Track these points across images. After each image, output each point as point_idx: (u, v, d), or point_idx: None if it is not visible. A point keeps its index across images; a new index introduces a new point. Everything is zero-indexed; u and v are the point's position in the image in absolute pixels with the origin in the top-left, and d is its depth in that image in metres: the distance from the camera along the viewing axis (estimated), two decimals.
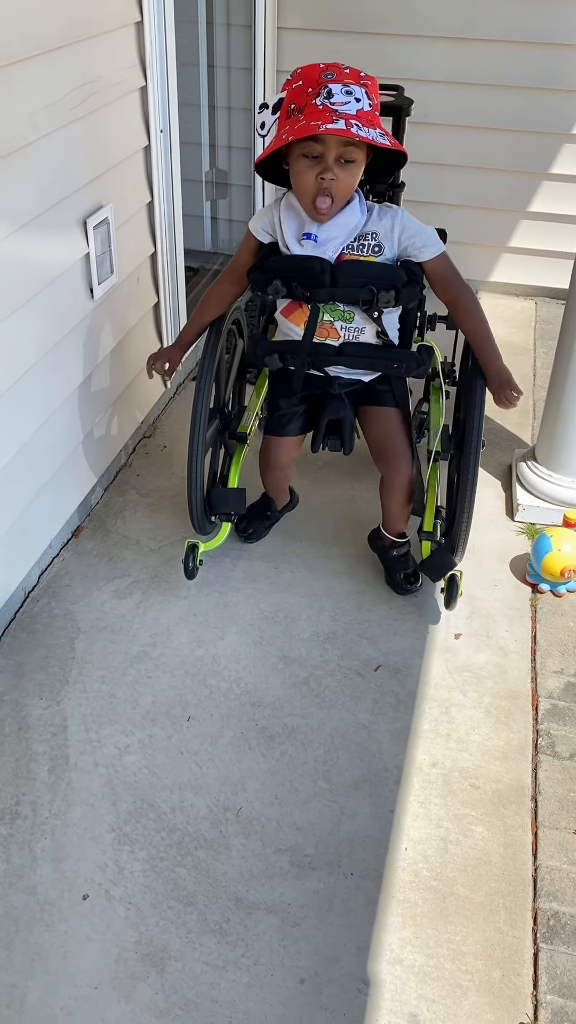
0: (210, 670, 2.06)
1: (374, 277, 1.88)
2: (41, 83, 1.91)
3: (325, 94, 1.72)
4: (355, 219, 1.87)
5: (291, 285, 1.90)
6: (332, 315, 1.94)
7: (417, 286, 1.93)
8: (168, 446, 2.85)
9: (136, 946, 1.55)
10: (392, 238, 1.89)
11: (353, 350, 1.98)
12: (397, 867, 1.68)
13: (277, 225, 1.93)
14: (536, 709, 2.00)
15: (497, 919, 1.61)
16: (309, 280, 1.88)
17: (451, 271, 1.96)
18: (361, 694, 2.02)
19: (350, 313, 1.93)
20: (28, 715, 1.94)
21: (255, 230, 1.99)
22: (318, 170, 1.76)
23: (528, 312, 3.76)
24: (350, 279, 1.87)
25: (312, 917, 1.60)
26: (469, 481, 1.98)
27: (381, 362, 2.00)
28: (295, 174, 1.81)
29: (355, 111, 1.72)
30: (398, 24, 3.35)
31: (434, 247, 1.92)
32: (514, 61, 3.33)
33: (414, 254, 1.92)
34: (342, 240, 1.87)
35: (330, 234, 1.86)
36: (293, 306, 1.97)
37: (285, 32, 3.49)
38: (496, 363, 1.97)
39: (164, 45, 2.48)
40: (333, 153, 1.75)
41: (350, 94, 1.72)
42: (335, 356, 1.98)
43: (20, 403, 2.03)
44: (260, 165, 1.90)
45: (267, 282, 1.93)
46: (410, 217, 1.92)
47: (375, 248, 1.89)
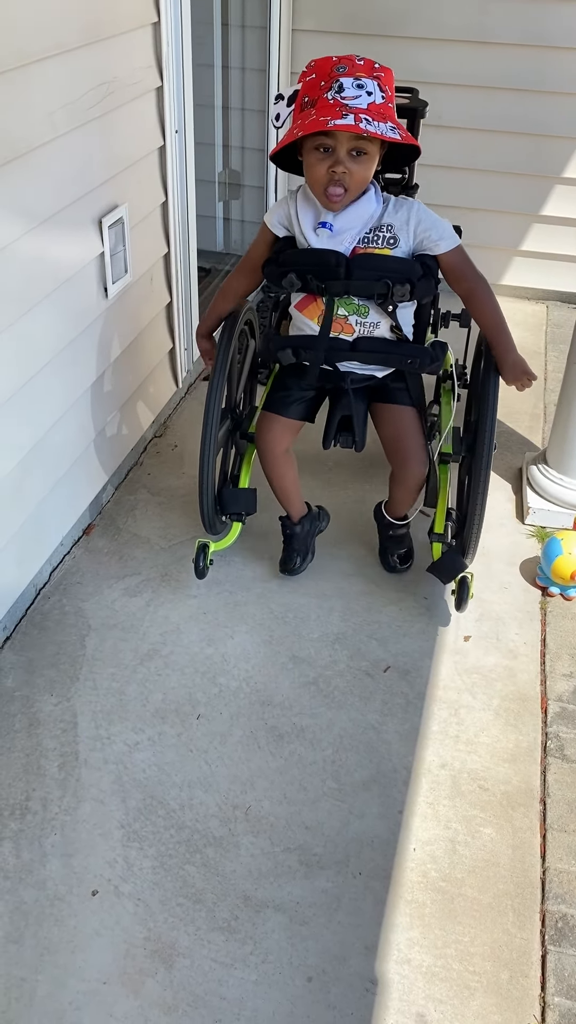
0: (220, 669, 2.07)
1: (389, 271, 1.87)
2: (59, 83, 1.93)
3: (336, 88, 1.72)
4: (371, 209, 1.87)
5: (306, 278, 1.90)
6: (347, 309, 1.94)
7: (432, 280, 1.93)
8: (179, 445, 2.86)
9: (145, 942, 1.55)
10: (408, 230, 1.89)
11: (367, 345, 1.97)
12: (405, 867, 1.68)
13: (294, 216, 1.92)
14: (545, 712, 2.00)
15: (505, 921, 1.61)
16: (324, 273, 1.88)
17: (466, 263, 1.96)
18: (370, 695, 2.02)
19: (364, 308, 1.93)
20: (39, 711, 1.95)
21: (270, 223, 1.98)
22: (329, 163, 1.77)
23: (540, 316, 3.76)
24: (365, 272, 1.87)
25: (320, 916, 1.60)
26: (481, 484, 1.98)
27: (395, 357, 1.99)
28: (307, 166, 1.82)
29: (366, 105, 1.72)
30: (413, 27, 3.36)
31: (450, 240, 1.92)
32: (528, 64, 3.33)
33: (430, 247, 1.91)
34: (358, 230, 1.87)
35: (346, 224, 1.86)
36: (307, 300, 1.97)
37: (300, 34, 3.50)
38: (511, 354, 1.97)
39: (180, 46, 2.49)
40: (344, 147, 1.75)
41: (361, 87, 1.73)
42: (349, 351, 1.98)
43: (34, 401, 2.04)
44: (276, 156, 1.90)
45: (282, 275, 1.92)
46: (426, 210, 1.91)
47: (390, 240, 1.89)
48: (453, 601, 2.15)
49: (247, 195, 3.88)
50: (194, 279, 2.96)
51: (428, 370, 2.03)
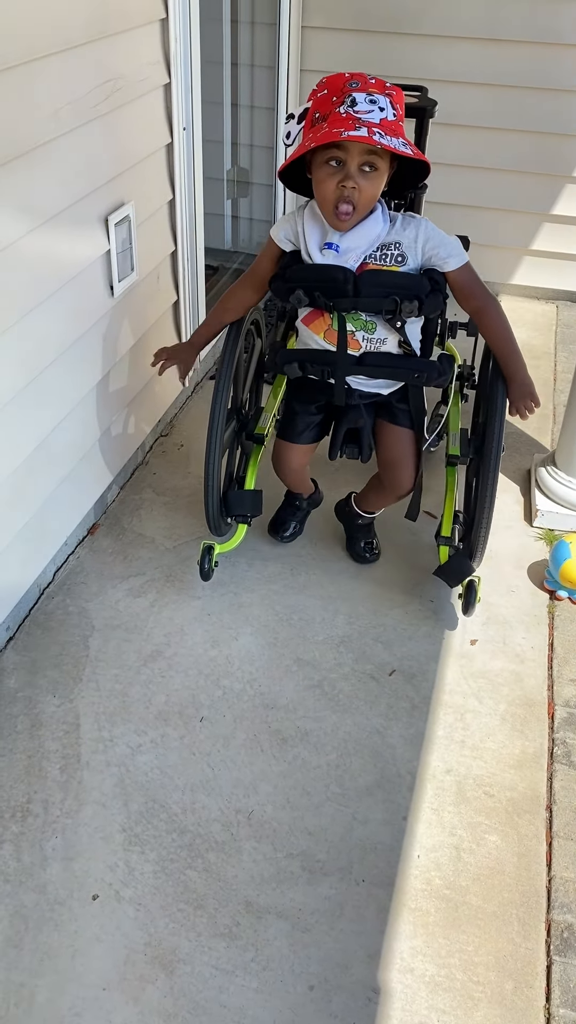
0: (224, 671, 2.05)
1: (397, 287, 1.85)
2: (65, 80, 1.91)
3: (349, 102, 1.71)
4: (377, 229, 1.84)
5: (313, 295, 1.88)
6: (354, 325, 1.92)
7: (440, 296, 1.91)
8: (185, 445, 2.84)
9: (145, 948, 1.54)
10: (416, 248, 1.87)
11: (374, 360, 1.95)
12: (409, 875, 1.67)
13: (300, 234, 1.91)
14: (552, 717, 1.98)
15: (510, 930, 1.59)
16: (332, 290, 1.86)
17: (475, 281, 1.94)
18: (375, 698, 2.00)
19: (372, 324, 1.91)
20: (41, 712, 1.94)
21: (277, 238, 1.96)
22: (339, 177, 1.74)
23: (549, 316, 3.73)
24: (373, 289, 1.85)
25: (323, 923, 1.59)
26: (489, 487, 1.96)
27: (402, 372, 1.98)
28: (317, 181, 1.79)
29: (378, 120, 1.71)
30: (423, 24, 3.33)
31: (458, 257, 1.90)
32: (540, 62, 3.29)
33: (438, 264, 1.89)
34: (364, 250, 1.85)
35: (352, 244, 1.84)
36: (314, 315, 1.96)
37: (309, 31, 3.48)
38: (520, 373, 1.94)
39: (189, 42, 2.47)
40: (356, 161, 1.73)
41: (374, 103, 1.71)
42: (355, 366, 1.96)
43: (39, 399, 2.03)
44: (284, 174, 1.88)
45: (289, 291, 1.90)
46: (434, 227, 1.89)
47: (398, 258, 1.87)
48: (460, 605, 2.13)
49: (256, 193, 3.86)
50: (201, 277, 2.94)
51: (435, 384, 2.02)
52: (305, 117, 1.80)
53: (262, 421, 2.35)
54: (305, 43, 3.50)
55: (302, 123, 1.81)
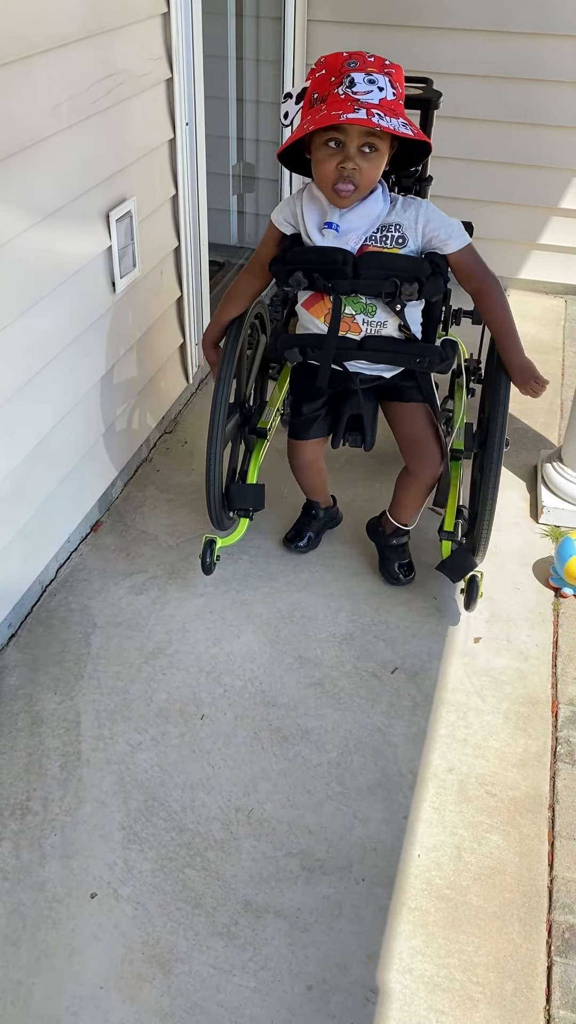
0: (225, 668, 2.04)
1: (397, 269, 1.84)
2: (64, 74, 1.90)
3: (348, 83, 1.69)
4: (377, 208, 1.83)
5: (313, 277, 1.87)
6: (354, 308, 1.91)
7: (441, 279, 1.89)
8: (189, 442, 2.83)
9: (143, 947, 1.54)
10: (416, 230, 1.86)
11: (375, 344, 1.94)
12: (409, 874, 1.65)
13: (300, 215, 1.90)
14: (556, 716, 1.96)
15: (510, 930, 1.57)
16: (331, 271, 1.85)
17: (477, 262, 1.92)
18: (377, 696, 1.99)
19: (372, 307, 1.90)
20: (42, 710, 1.93)
21: (277, 221, 1.96)
22: (339, 159, 1.73)
23: (558, 310, 3.70)
24: (373, 271, 1.84)
25: (321, 923, 1.58)
26: (492, 481, 1.95)
27: (403, 356, 1.96)
28: (316, 162, 1.78)
29: (378, 100, 1.69)
30: (428, 16, 3.30)
31: (459, 239, 1.88)
32: (546, 54, 3.26)
33: (439, 246, 1.88)
34: (364, 230, 1.84)
35: (352, 224, 1.83)
36: (314, 298, 1.95)
37: (315, 24, 3.46)
38: (518, 357, 1.92)
39: (191, 37, 2.46)
40: (355, 143, 1.72)
41: (373, 83, 1.70)
42: (356, 350, 1.95)
43: (41, 396, 2.02)
44: (284, 155, 1.88)
45: (288, 273, 1.90)
46: (435, 209, 1.88)
47: (399, 240, 1.86)
48: (462, 600, 2.12)
49: (261, 188, 3.84)
50: (205, 273, 2.93)
51: (438, 369, 2.00)
52: (303, 97, 1.79)
53: (265, 415, 2.34)
54: (310, 36, 3.49)
55: (300, 103, 1.80)
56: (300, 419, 2.14)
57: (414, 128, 1.74)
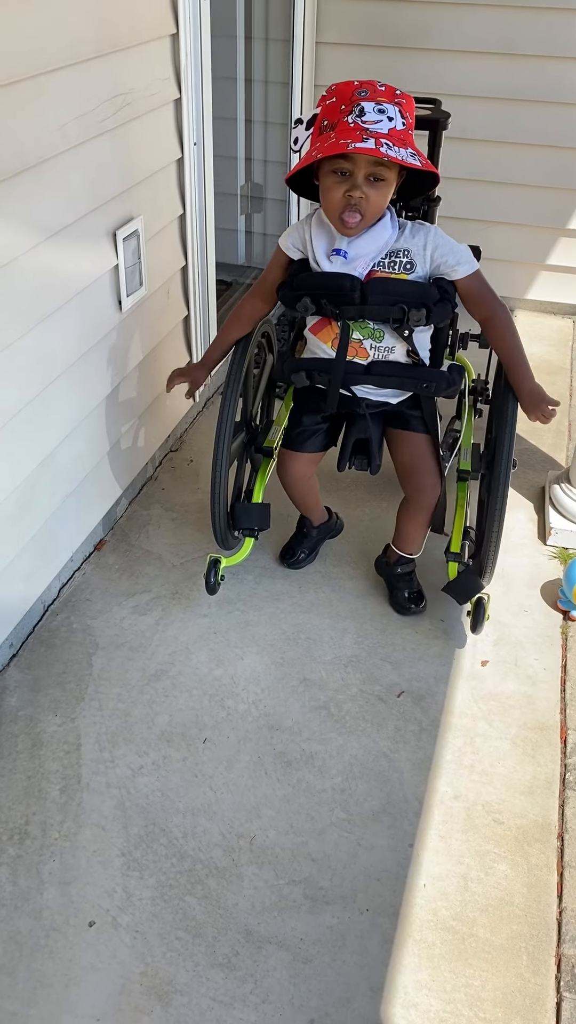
0: (228, 691, 2.02)
1: (405, 295, 1.84)
2: (72, 94, 1.90)
3: (357, 112, 1.69)
4: (386, 235, 1.84)
5: (320, 302, 1.87)
6: (361, 333, 1.90)
7: (449, 304, 1.89)
8: (195, 460, 2.82)
9: (142, 977, 1.50)
10: (424, 256, 1.86)
11: (382, 369, 1.94)
12: (415, 904, 1.61)
13: (308, 241, 1.90)
14: (565, 742, 1.92)
15: (519, 964, 1.53)
16: (339, 297, 1.85)
17: (485, 289, 1.92)
18: (383, 721, 1.96)
19: (380, 332, 1.90)
20: (42, 732, 1.91)
21: (285, 246, 1.96)
22: (346, 187, 1.74)
23: (566, 331, 3.69)
24: (380, 297, 1.84)
25: (324, 954, 1.54)
26: (499, 502, 1.92)
27: (410, 381, 1.95)
28: (324, 190, 1.78)
29: (387, 130, 1.69)
30: (437, 39, 3.32)
31: (468, 265, 1.88)
32: (552, 77, 3.27)
33: (447, 272, 1.88)
34: (372, 257, 1.84)
35: (360, 251, 1.83)
36: (322, 323, 1.94)
37: (323, 47, 3.48)
38: (528, 382, 1.91)
39: (199, 58, 2.47)
40: (362, 171, 1.72)
41: (383, 112, 1.70)
42: (363, 375, 1.94)
43: (45, 414, 2.01)
44: (292, 180, 1.87)
45: (296, 299, 1.90)
46: (443, 235, 1.88)
47: (407, 265, 1.86)
48: (469, 623, 2.08)
49: (269, 208, 3.85)
50: (212, 293, 2.93)
51: (444, 394, 1.99)
52: (314, 123, 1.79)
53: (272, 434, 2.33)
54: (319, 59, 3.50)
55: (310, 129, 1.80)
56: (299, 430, 2.12)
57: (422, 159, 1.74)
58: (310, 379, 2.00)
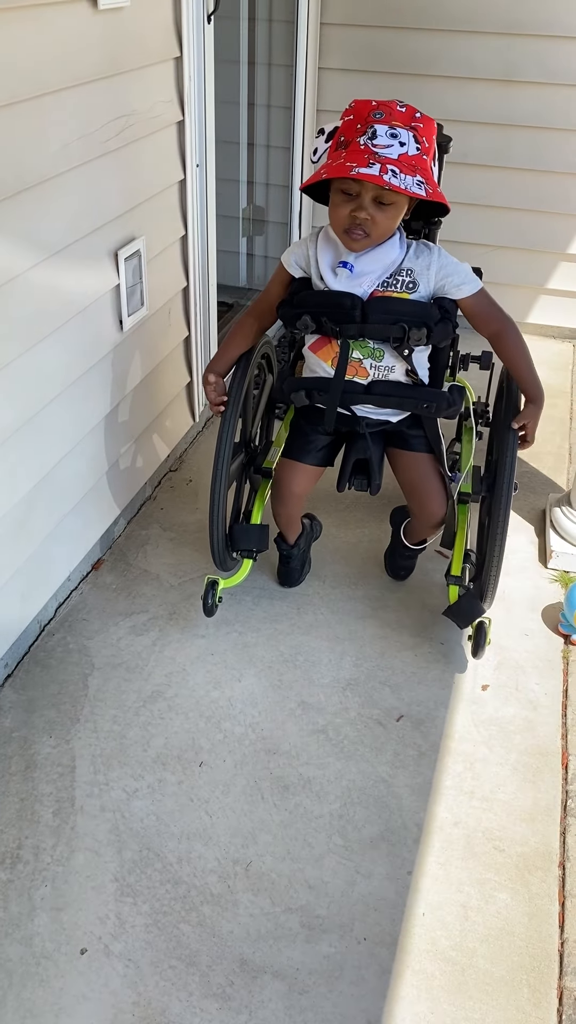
0: (225, 713, 1.99)
1: (406, 314, 1.83)
2: (75, 114, 1.91)
3: (370, 134, 1.69)
4: (393, 255, 1.83)
5: (320, 320, 1.87)
6: (361, 352, 1.90)
7: (450, 324, 1.89)
8: (194, 480, 2.81)
9: (134, 1008, 1.46)
10: (428, 275, 1.85)
11: (382, 388, 1.93)
12: (413, 934, 1.58)
13: (312, 257, 1.89)
14: (566, 768, 1.89)
15: (520, 997, 1.50)
16: (339, 316, 1.84)
17: (491, 306, 1.92)
18: (382, 745, 1.93)
19: (380, 351, 1.89)
20: (36, 753, 1.88)
21: (287, 263, 1.96)
22: (352, 207, 1.74)
23: (566, 355, 3.69)
24: (381, 316, 1.83)
25: (321, 984, 1.51)
26: (500, 526, 1.91)
27: (410, 401, 1.94)
28: (332, 205, 1.79)
29: (396, 155, 1.68)
30: (438, 66, 3.35)
31: (472, 284, 1.88)
32: (553, 103, 3.30)
33: (451, 291, 1.88)
34: (378, 275, 1.84)
35: (367, 267, 1.82)
36: (322, 342, 1.94)
37: (326, 72, 3.51)
38: (540, 398, 1.93)
39: (203, 81, 2.49)
40: (369, 194, 1.72)
41: (395, 137, 1.69)
42: (363, 394, 1.93)
43: (43, 433, 2.00)
44: (310, 188, 1.86)
45: (296, 317, 1.89)
46: (447, 255, 1.88)
47: (409, 285, 1.85)
48: (470, 647, 2.06)
49: (271, 231, 3.87)
50: (214, 314, 2.94)
51: (445, 415, 1.98)
52: (334, 136, 1.79)
53: (271, 455, 2.31)
54: (321, 84, 3.53)
55: (330, 141, 1.80)
56: (301, 441, 2.09)
57: (431, 186, 1.73)
58: (309, 398, 1.99)
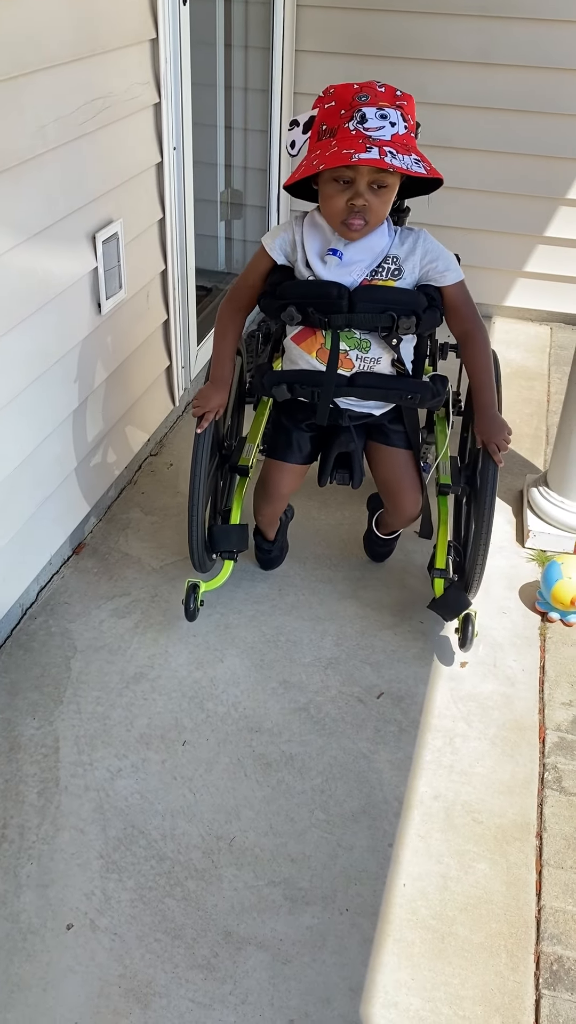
0: (208, 693, 2.01)
1: (394, 303, 1.79)
2: (51, 96, 1.90)
3: (359, 118, 1.63)
4: (383, 243, 1.79)
5: (307, 311, 1.80)
6: (348, 343, 1.84)
7: (437, 312, 1.85)
8: (175, 464, 2.81)
9: (120, 980, 1.49)
10: (414, 261, 1.81)
11: (366, 380, 1.88)
12: (394, 904, 1.62)
13: (298, 244, 1.83)
14: (543, 742, 1.93)
15: (498, 962, 1.53)
16: (326, 306, 1.78)
17: (469, 302, 1.90)
18: (362, 722, 1.96)
19: (366, 342, 1.84)
20: (20, 735, 1.89)
21: (270, 247, 1.87)
22: (349, 195, 1.68)
23: (543, 338, 3.72)
24: (369, 305, 1.78)
25: (304, 954, 1.54)
26: (485, 520, 1.90)
27: (394, 393, 1.90)
28: (324, 197, 1.73)
29: (390, 136, 1.63)
30: (415, 48, 3.35)
31: (455, 272, 1.85)
32: (532, 86, 3.31)
33: (435, 278, 1.84)
34: (367, 264, 1.79)
35: (356, 256, 1.78)
36: (306, 333, 1.87)
37: (303, 55, 3.50)
38: (492, 408, 1.90)
39: (179, 63, 2.48)
40: (365, 179, 1.66)
41: (385, 118, 1.63)
42: (347, 386, 1.88)
43: (24, 415, 2.01)
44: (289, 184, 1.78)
45: (280, 308, 1.83)
46: (432, 240, 1.84)
47: (395, 272, 1.80)
48: (456, 640, 2.06)
49: (249, 215, 3.86)
50: (192, 297, 2.94)
51: (429, 405, 1.95)
52: (311, 126, 1.73)
53: (246, 452, 2.23)
54: (298, 66, 3.52)
55: (307, 132, 1.74)
56: (282, 437, 2.05)
57: (427, 164, 1.68)
58: (291, 392, 1.93)
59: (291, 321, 1.84)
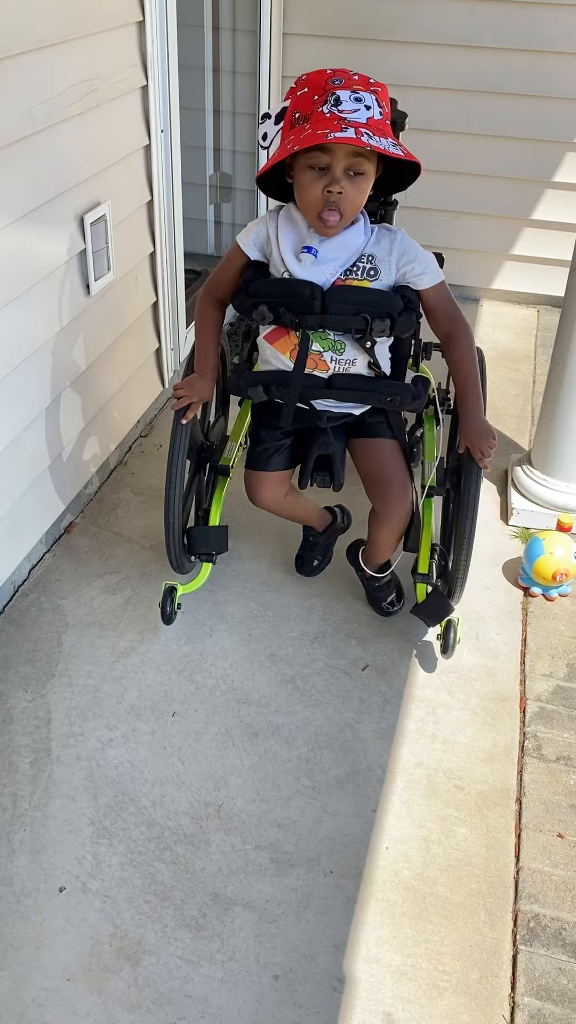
0: (197, 666, 2.05)
1: (368, 304, 1.73)
2: (39, 78, 1.92)
3: (333, 101, 1.59)
4: (359, 240, 1.74)
5: (278, 311, 1.75)
6: (321, 345, 1.79)
7: (414, 315, 1.80)
8: (164, 445, 2.85)
9: (111, 939, 1.54)
10: (390, 263, 1.76)
11: (343, 382, 1.83)
12: (377, 866, 1.67)
13: (273, 239, 1.78)
14: (524, 712, 1.98)
15: (477, 920, 1.59)
16: (298, 306, 1.73)
17: (450, 303, 1.84)
18: (348, 693, 2.00)
19: (341, 344, 1.79)
20: (12, 707, 1.93)
21: (244, 243, 1.82)
22: (325, 182, 1.62)
23: (530, 320, 3.76)
24: (342, 306, 1.73)
25: (289, 914, 1.59)
26: (468, 525, 1.87)
27: (373, 395, 1.85)
28: (300, 187, 1.66)
29: (365, 119, 1.58)
30: (402, 31, 3.37)
31: (433, 275, 1.80)
32: (517, 69, 3.33)
33: (412, 281, 1.79)
34: (342, 262, 1.74)
35: (331, 254, 1.73)
36: (279, 332, 1.82)
37: (290, 38, 3.51)
38: (477, 412, 1.85)
39: (166, 45, 2.50)
40: (341, 164, 1.61)
41: (359, 101, 1.59)
42: (324, 388, 1.84)
43: (14, 396, 2.04)
44: (262, 179, 1.76)
45: (252, 307, 1.78)
46: (410, 240, 1.79)
47: (370, 272, 1.76)
48: (439, 646, 2.04)
49: (238, 198, 3.88)
50: (181, 279, 2.96)
51: (410, 408, 1.92)
52: (283, 117, 1.69)
53: (227, 451, 2.22)
54: (286, 49, 3.54)
55: (280, 124, 1.70)
56: (261, 448, 1.99)
57: (404, 149, 1.64)
58: (267, 393, 1.88)
59: (263, 320, 1.80)
